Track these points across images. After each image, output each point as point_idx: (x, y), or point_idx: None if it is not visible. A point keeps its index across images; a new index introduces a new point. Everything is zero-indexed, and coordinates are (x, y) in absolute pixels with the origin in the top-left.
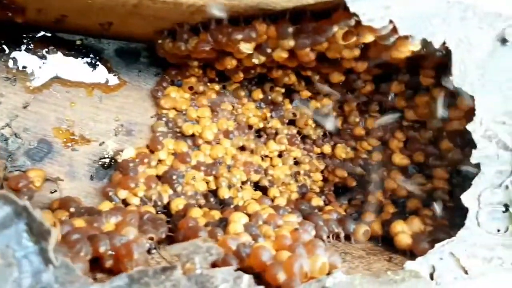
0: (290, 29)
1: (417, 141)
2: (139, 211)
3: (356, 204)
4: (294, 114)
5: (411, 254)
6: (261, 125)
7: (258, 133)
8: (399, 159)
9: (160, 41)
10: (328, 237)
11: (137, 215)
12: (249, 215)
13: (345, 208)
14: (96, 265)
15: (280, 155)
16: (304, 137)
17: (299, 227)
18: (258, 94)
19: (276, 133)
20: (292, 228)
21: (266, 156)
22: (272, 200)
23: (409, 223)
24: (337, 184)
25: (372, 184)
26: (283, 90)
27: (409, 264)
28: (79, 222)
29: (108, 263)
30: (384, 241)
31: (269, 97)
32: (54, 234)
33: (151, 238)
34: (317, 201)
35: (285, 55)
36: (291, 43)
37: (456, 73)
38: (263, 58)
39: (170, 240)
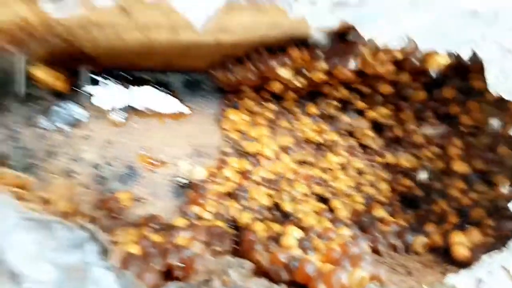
0: (321, 53)
1: (475, 148)
2: (208, 225)
3: (421, 214)
4: (351, 125)
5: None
6: (318, 138)
7: (318, 146)
8: (459, 166)
9: (213, 72)
10: (386, 249)
11: (205, 230)
12: (305, 228)
13: (409, 219)
14: (169, 275)
15: (342, 167)
16: (365, 148)
17: (349, 241)
18: (312, 109)
19: (335, 146)
20: (343, 242)
21: (328, 168)
22: (334, 212)
23: (468, 234)
24: (404, 193)
25: (435, 193)
26: (336, 103)
27: (450, 278)
28: (157, 237)
29: (178, 274)
30: (446, 253)
31: (324, 111)
32: (115, 252)
33: (216, 251)
34: (380, 212)
35: (322, 76)
36: (323, 65)
37: (492, 80)
38: (303, 80)
39: (235, 251)
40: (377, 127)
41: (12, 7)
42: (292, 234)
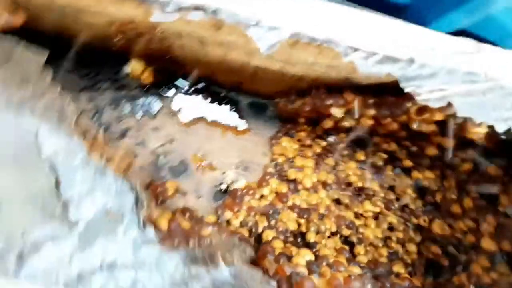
0: (371, 101)
1: (507, 229)
2: (233, 230)
3: (439, 283)
4: (394, 181)
5: None
6: (359, 184)
7: (357, 191)
8: (487, 244)
9: (277, 100)
10: None
11: (229, 231)
12: (320, 257)
13: (426, 285)
14: None
15: (375, 217)
16: (403, 205)
17: (355, 277)
18: (360, 156)
19: (373, 195)
20: (348, 275)
21: (361, 214)
22: (355, 256)
23: None
24: (430, 259)
25: (460, 265)
26: (385, 156)
27: None
28: (186, 224)
29: None
30: None
31: (371, 161)
32: (145, 203)
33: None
34: (399, 268)
35: (370, 121)
36: (372, 112)
37: None
38: (353, 122)
39: (252, 261)
40: (420, 188)
41: (126, 9)
42: (304, 257)
